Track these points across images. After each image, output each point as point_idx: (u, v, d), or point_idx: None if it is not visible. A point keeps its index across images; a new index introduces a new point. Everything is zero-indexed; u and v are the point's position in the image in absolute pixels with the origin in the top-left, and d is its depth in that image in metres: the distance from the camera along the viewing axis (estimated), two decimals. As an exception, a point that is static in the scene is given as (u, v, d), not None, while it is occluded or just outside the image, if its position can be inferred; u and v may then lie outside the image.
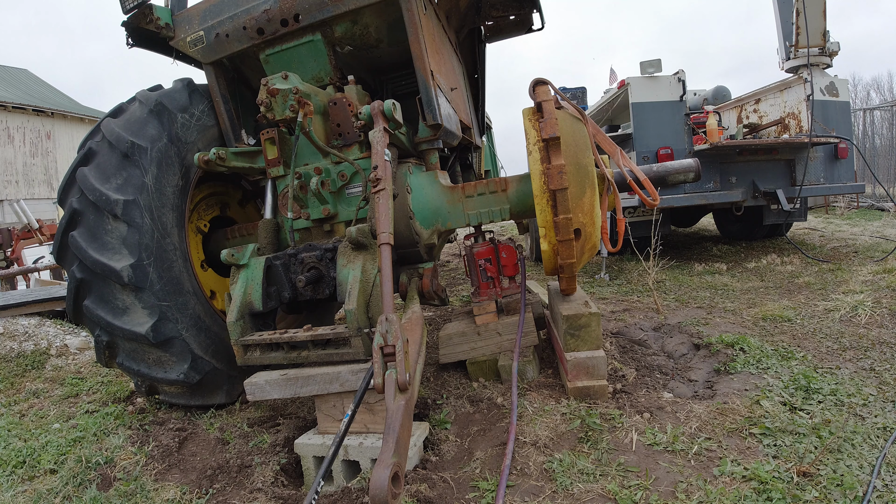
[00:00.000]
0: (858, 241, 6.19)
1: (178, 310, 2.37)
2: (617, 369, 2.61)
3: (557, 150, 2.15)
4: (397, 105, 2.17)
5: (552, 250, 2.25)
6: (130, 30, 2.73)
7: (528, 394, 2.38)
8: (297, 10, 2.46)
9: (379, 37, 2.66)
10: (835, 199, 10.46)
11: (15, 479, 2.04)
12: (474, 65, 4.07)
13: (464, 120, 3.41)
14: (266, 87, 2.17)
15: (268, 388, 2.05)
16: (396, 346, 1.28)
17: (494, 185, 2.55)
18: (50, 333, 4.12)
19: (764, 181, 5.39)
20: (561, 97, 2.38)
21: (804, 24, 5.21)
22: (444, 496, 1.71)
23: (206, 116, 2.76)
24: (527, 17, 3.83)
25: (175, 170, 2.52)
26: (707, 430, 1.93)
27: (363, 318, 1.97)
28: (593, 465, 1.78)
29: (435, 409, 2.36)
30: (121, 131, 2.40)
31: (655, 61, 5.32)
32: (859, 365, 2.44)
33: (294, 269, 2.28)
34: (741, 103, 6.64)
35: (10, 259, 9.19)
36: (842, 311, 3.26)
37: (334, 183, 2.45)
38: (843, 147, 5.64)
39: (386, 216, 1.78)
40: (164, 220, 2.42)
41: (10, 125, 18.43)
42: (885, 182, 12.32)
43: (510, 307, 2.67)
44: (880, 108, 15.20)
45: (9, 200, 14.32)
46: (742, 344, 2.75)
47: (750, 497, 1.51)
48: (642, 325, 3.39)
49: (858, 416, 1.94)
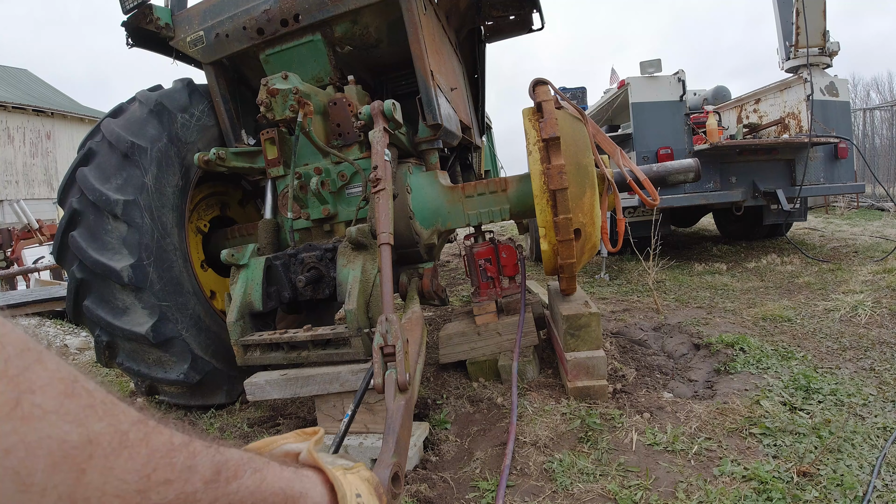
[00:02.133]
0: (858, 241, 6.19)
1: (178, 310, 2.37)
2: (617, 369, 2.61)
3: (557, 150, 2.15)
4: (397, 105, 2.17)
5: (552, 250, 2.25)
6: (130, 30, 2.73)
7: (528, 394, 2.38)
8: (297, 10, 2.46)
9: (379, 37, 2.66)
10: (835, 199, 10.46)
11: (15, 480, 2.04)
12: (474, 65, 4.07)
13: (464, 120, 3.41)
14: (266, 87, 2.17)
15: (268, 388, 2.05)
16: (396, 346, 1.28)
17: (494, 185, 2.55)
18: (50, 334, 4.12)
19: (764, 181, 5.39)
20: (561, 97, 2.38)
21: (804, 24, 5.22)
22: (444, 496, 1.71)
23: (206, 116, 2.77)
24: (527, 17, 3.83)
25: (175, 170, 2.52)
26: (707, 430, 1.93)
27: (363, 318, 1.97)
28: (593, 465, 1.78)
29: (435, 409, 2.36)
30: (121, 131, 2.40)
31: (655, 61, 5.32)
32: (859, 365, 2.44)
33: (294, 270, 2.28)
34: (741, 103, 6.64)
35: (10, 259, 9.19)
36: (842, 311, 3.26)
37: (334, 183, 2.45)
38: (843, 147, 5.63)
39: (386, 216, 1.78)
40: (164, 220, 2.42)
41: (10, 125, 18.42)
42: (885, 182, 12.31)
43: (510, 307, 2.67)
44: (880, 108, 15.19)
45: (9, 200, 14.32)
46: (742, 344, 2.74)
47: (750, 497, 1.51)
48: (642, 325, 3.39)
49: (858, 416, 1.93)
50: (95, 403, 0.36)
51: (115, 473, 0.35)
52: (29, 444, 0.30)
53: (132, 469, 0.36)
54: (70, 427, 0.32)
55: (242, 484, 0.45)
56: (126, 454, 0.36)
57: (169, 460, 0.39)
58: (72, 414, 0.33)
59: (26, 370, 0.32)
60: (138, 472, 0.36)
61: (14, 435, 0.29)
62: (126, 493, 0.35)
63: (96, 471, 0.33)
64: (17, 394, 0.30)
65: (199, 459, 0.42)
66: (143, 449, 0.37)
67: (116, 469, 0.35)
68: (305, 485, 0.57)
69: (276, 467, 0.53)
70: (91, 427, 0.34)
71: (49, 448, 0.31)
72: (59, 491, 0.31)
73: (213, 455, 0.44)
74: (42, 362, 0.33)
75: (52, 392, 0.32)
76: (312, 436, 0.67)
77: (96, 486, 0.33)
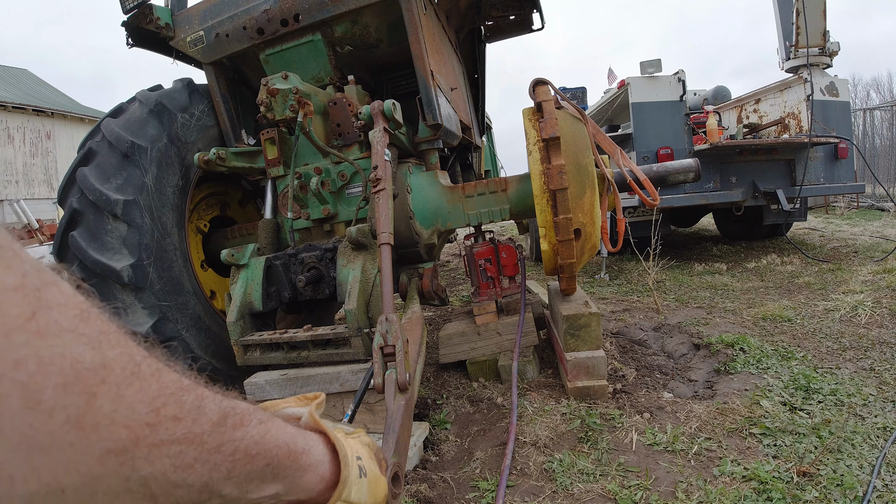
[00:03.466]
0: (858, 241, 6.19)
1: (178, 310, 2.37)
2: (617, 369, 2.61)
3: (557, 150, 2.15)
4: (397, 105, 2.17)
5: (552, 250, 2.25)
6: (130, 30, 2.73)
7: (528, 394, 2.38)
8: (297, 10, 2.46)
9: (379, 37, 2.66)
10: (835, 199, 10.46)
11: (15, 479, 2.04)
12: (474, 65, 4.07)
13: (464, 120, 3.41)
14: (266, 87, 2.17)
15: (268, 388, 2.05)
16: (396, 346, 1.28)
17: (494, 185, 2.55)
18: (50, 333, 4.12)
19: (764, 181, 5.39)
20: (561, 97, 2.38)
21: (804, 24, 5.22)
22: (444, 496, 1.71)
23: (206, 116, 2.76)
24: (527, 17, 3.83)
25: (175, 170, 2.52)
26: (707, 430, 1.93)
27: (363, 318, 1.97)
28: (593, 465, 1.78)
29: (435, 409, 2.36)
30: (121, 131, 2.40)
31: (655, 61, 5.32)
32: (859, 365, 2.44)
33: (294, 269, 2.28)
34: (741, 103, 6.64)
35: (10, 259, 9.18)
36: (842, 311, 3.26)
37: (334, 183, 2.45)
38: (843, 147, 5.63)
39: (386, 216, 1.78)
40: (164, 220, 2.42)
41: (10, 125, 18.42)
42: (885, 182, 12.32)
43: (510, 307, 2.67)
44: (880, 108, 15.19)
45: (9, 200, 14.31)
46: (742, 344, 2.74)
47: (750, 497, 1.51)
48: (642, 325, 3.39)
49: (858, 416, 1.93)
50: (109, 331, 0.35)
51: (126, 402, 0.34)
52: (41, 360, 0.29)
53: (143, 400, 0.35)
54: (84, 349, 0.31)
55: (247, 432, 0.45)
56: (138, 385, 0.35)
57: (178, 398, 0.38)
58: (87, 336, 0.32)
59: (44, 287, 0.30)
60: (148, 404, 0.35)
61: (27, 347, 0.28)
62: (135, 423, 0.34)
63: (107, 397, 0.32)
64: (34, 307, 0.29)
65: (207, 403, 0.41)
66: (154, 383, 0.36)
67: (127, 398, 0.34)
68: (308, 442, 0.57)
69: (280, 423, 0.53)
70: (105, 352, 0.33)
71: (62, 366, 0.30)
72: (68, 413, 0.30)
73: (220, 401, 0.44)
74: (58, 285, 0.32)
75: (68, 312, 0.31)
76: (314, 400, 0.68)
77: (106, 412, 0.32)
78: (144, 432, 0.34)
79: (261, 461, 0.47)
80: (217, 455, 0.41)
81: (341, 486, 0.59)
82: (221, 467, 0.42)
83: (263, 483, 0.48)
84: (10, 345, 0.27)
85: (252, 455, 0.45)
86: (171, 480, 0.37)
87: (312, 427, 0.62)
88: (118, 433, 0.33)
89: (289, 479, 0.52)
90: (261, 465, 0.47)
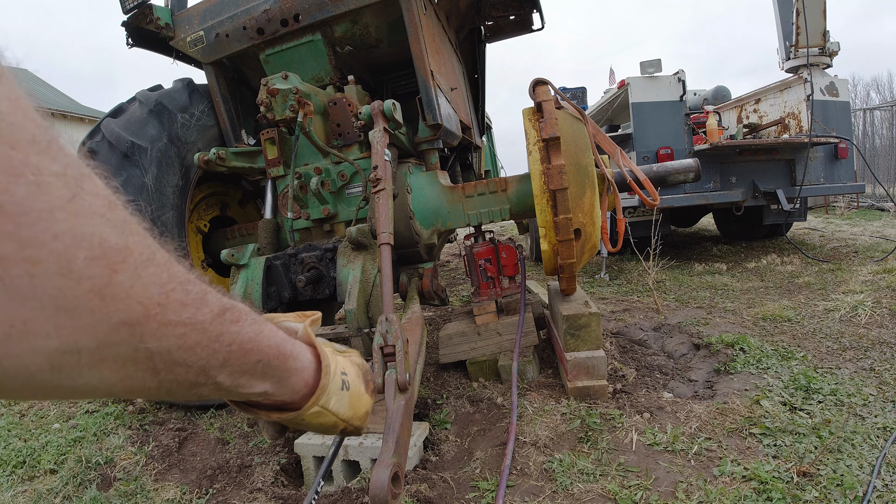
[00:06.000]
0: (858, 241, 6.19)
1: (178, 310, 2.37)
2: (617, 369, 2.61)
3: (557, 150, 2.15)
4: (397, 105, 2.17)
5: (552, 250, 2.25)
6: (130, 30, 2.74)
7: (528, 394, 2.38)
8: (297, 10, 2.46)
9: (379, 37, 2.66)
10: (835, 199, 10.46)
11: (15, 479, 2.04)
12: (474, 65, 4.08)
13: (464, 120, 3.41)
14: (266, 87, 2.17)
15: (268, 388, 2.05)
16: (396, 346, 1.28)
17: (494, 185, 2.55)
18: (50, 333, 4.12)
19: (764, 181, 5.39)
20: (561, 97, 2.38)
21: (804, 24, 5.22)
22: (444, 496, 1.71)
23: (206, 116, 2.77)
24: (527, 17, 3.83)
25: (175, 170, 2.52)
26: (707, 430, 1.93)
27: (363, 318, 1.97)
28: (593, 465, 1.78)
29: (435, 409, 2.36)
30: (121, 131, 2.40)
31: (655, 61, 5.32)
32: (859, 365, 2.44)
33: (294, 269, 2.28)
34: (741, 103, 6.64)
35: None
36: (842, 311, 3.26)
37: (334, 183, 2.45)
38: (843, 147, 5.64)
39: (386, 216, 1.78)
40: (164, 220, 2.42)
41: (10, 125, 18.41)
42: (885, 182, 12.32)
43: (510, 307, 2.67)
44: (880, 108, 15.20)
45: (9, 200, 14.30)
46: (742, 344, 2.74)
47: (750, 497, 1.51)
48: (642, 325, 3.39)
49: (858, 416, 1.93)
50: (132, 221, 0.40)
51: (142, 282, 0.38)
52: (76, 235, 0.33)
53: (156, 283, 0.39)
54: (111, 231, 0.36)
55: (243, 329, 0.50)
56: (153, 269, 0.39)
57: (185, 287, 0.43)
58: (113, 221, 0.37)
59: (82, 177, 0.35)
60: (161, 286, 0.40)
61: (65, 223, 0.33)
62: (148, 301, 0.38)
63: (127, 273, 0.37)
64: (74, 192, 0.34)
65: (210, 296, 0.46)
66: (166, 270, 0.41)
67: (143, 278, 0.38)
68: (297, 348, 0.62)
69: (273, 327, 0.58)
70: (127, 237, 0.38)
71: (91, 242, 0.34)
72: (94, 282, 0.34)
73: (220, 296, 0.48)
74: (92, 178, 0.37)
75: (99, 200, 0.36)
76: (311, 317, 0.73)
77: (124, 287, 0.36)
78: (155, 310, 0.39)
79: (253, 357, 0.51)
80: (216, 343, 0.46)
81: (319, 391, 0.64)
82: (218, 354, 0.46)
83: (254, 379, 0.53)
84: (52, 219, 0.32)
85: (246, 349, 0.50)
86: (174, 358, 0.42)
87: (305, 340, 0.67)
88: (133, 307, 0.37)
89: (277, 378, 0.57)
90: (253, 361, 0.51)
